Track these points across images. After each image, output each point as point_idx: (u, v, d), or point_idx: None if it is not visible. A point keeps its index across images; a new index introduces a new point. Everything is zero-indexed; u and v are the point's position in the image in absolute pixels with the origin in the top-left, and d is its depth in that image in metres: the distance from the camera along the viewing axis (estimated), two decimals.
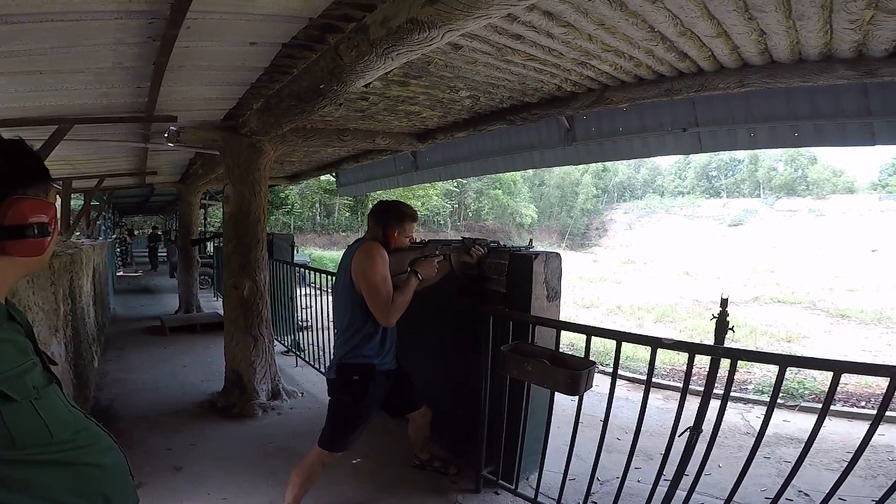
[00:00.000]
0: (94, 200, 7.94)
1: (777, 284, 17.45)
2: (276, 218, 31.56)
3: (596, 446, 2.15)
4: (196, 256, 7.71)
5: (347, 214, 38.22)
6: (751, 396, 4.64)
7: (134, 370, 4.54)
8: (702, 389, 1.91)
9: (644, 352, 5.97)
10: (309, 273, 4.67)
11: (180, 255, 7.74)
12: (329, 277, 3.81)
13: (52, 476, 0.71)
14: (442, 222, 43.25)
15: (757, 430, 1.87)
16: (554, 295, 2.50)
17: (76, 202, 8.13)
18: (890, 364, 1.49)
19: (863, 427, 1.56)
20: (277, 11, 1.79)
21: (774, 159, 48.40)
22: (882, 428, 1.55)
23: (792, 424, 3.76)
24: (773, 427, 1.76)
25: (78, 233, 7.36)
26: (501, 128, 3.74)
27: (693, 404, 1.89)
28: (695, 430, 1.86)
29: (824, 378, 4.87)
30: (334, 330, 2.28)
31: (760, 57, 2.30)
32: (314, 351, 4.44)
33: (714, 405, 1.84)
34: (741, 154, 49.64)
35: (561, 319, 2.50)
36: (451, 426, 2.83)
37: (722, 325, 1.74)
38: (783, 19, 1.89)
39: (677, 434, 1.88)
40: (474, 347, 2.51)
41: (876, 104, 2.52)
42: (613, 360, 2.08)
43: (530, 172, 45.29)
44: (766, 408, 1.72)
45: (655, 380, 3.86)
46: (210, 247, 10.56)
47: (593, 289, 15.62)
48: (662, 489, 1.97)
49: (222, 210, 4.12)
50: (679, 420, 1.89)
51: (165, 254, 15.33)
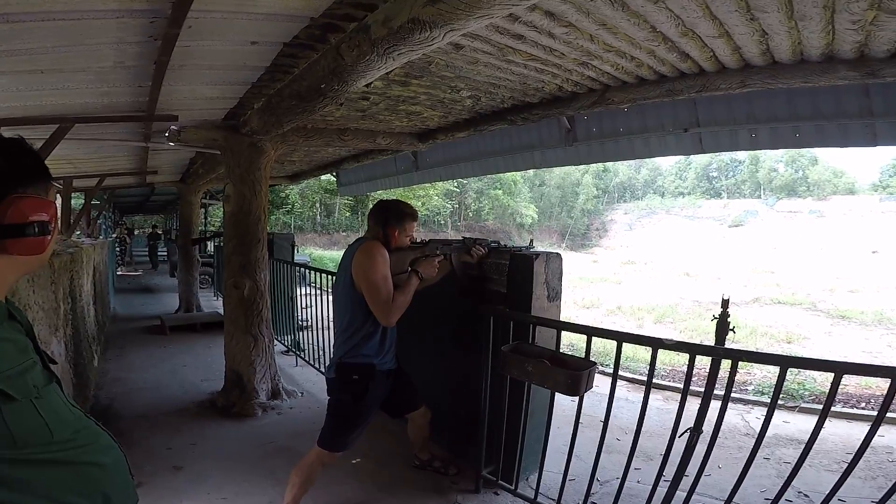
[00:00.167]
0: (95, 199, 7.94)
1: (777, 285, 17.46)
2: (277, 217, 31.56)
3: (596, 447, 2.15)
4: (196, 256, 7.71)
5: (348, 214, 38.21)
6: (751, 397, 4.64)
7: (134, 369, 4.54)
8: (702, 390, 1.91)
9: (644, 352, 5.97)
10: (309, 273, 4.68)
11: (181, 255, 7.74)
12: (329, 277, 3.81)
13: (53, 475, 0.71)
14: (442, 222, 43.25)
15: (757, 431, 1.87)
16: (554, 295, 2.50)
17: (77, 201, 8.12)
18: (890, 365, 1.49)
19: (862, 428, 1.56)
20: (279, 11, 1.79)
21: (775, 160, 48.37)
22: (882, 429, 1.55)
23: (792, 425, 3.76)
24: (773, 428, 1.76)
25: (78, 232, 7.36)
26: (502, 128, 3.74)
27: (693, 405, 1.88)
28: (695, 431, 1.86)
29: (824, 379, 4.86)
30: (334, 329, 2.28)
31: (762, 57, 2.30)
32: (314, 350, 4.44)
33: (714, 406, 1.84)
34: (742, 155, 49.62)
35: (561, 320, 2.50)
36: (451, 426, 2.83)
37: (723, 326, 1.74)
38: (785, 20, 1.88)
39: (677, 435, 1.88)
40: (475, 347, 2.51)
41: (877, 105, 2.52)
42: (614, 361, 2.08)
43: (531, 172, 45.28)
44: (767, 409, 1.71)
45: (655, 380, 3.86)
46: (210, 246, 10.56)
47: (593, 289, 15.63)
48: (662, 490, 1.97)
49: (223, 209, 4.12)
50: (680, 421, 1.89)
51: (166, 253, 15.34)
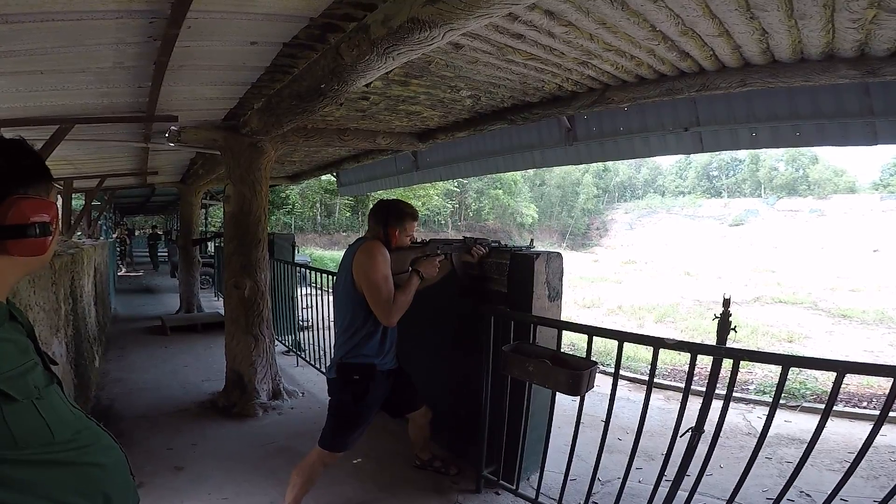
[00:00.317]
0: (96, 200, 7.94)
1: (778, 284, 17.45)
2: (277, 218, 31.59)
3: (597, 447, 2.14)
4: (197, 256, 7.72)
5: (348, 214, 38.24)
6: (752, 397, 4.63)
7: (135, 370, 4.55)
8: (703, 390, 1.90)
9: (645, 352, 5.97)
10: (310, 273, 4.67)
11: (181, 255, 7.75)
12: (330, 277, 3.81)
13: (53, 476, 0.71)
14: (442, 222, 43.28)
15: (758, 431, 1.86)
16: (555, 295, 2.50)
17: (77, 202, 8.13)
18: (892, 364, 1.49)
19: (864, 427, 1.55)
20: (278, 11, 1.79)
21: (775, 159, 48.38)
22: (884, 428, 1.55)
23: (793, 425, 3.76)
24: (775, 427, 1.76)
25: (79, 232, 7.37)
26: (502, 127, 3.73)
27: (694, 405, 1.88)
28: (696, 431, 1.86)
29: (826, 378, 4.86)
30: (335, 329, 2.28)
31: (762, 56, 2.29)
32: (315, 351, 4.44)
33: (716, 405, 1.84)
34: (742, 154, 49.65)
35: (562, 319, 2.50)
36: (452, 426, 2.83)
37: (724, 326, 1.73)
38: (785, 18, 1.88)
39: (679, 434, 1.88)
40: (475, 347, 2.50)
41: (878, 104, 2.52)
42: (615, 361, 2.07)
43: (531, 172, 45.32)
44: (769, 408, 1.71)
45: (657, 380, 3.86)
46: (211, 246, 10.56)
47: (594, 289, 15.62)
48: (664, 490, 1.97)
49: (223, 210, 4.12)
50: (681, 420, 1.88)
51: (166, 253, 15.34)
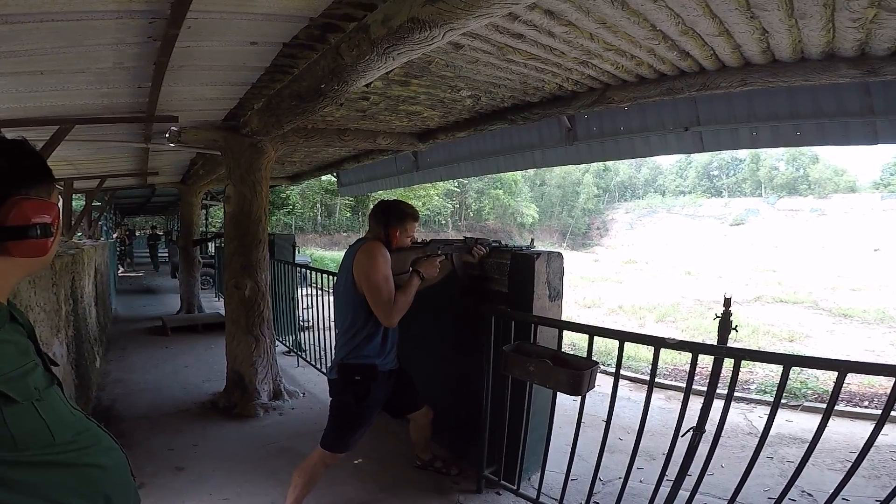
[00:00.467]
0: (96, 201, 7.95)
1: (779, 284, 17.44)
2: (278, 218, 31.58)
3: (598, 446, 2.14)
4: (197, 257, 7.72)
5: (348, 214, 38.25)
6: (753, 396, 4.63)
7: (136, 370, 4.55)
8: (704, 389, 1.90)
9: (645, 352, 5.97)
10: (310, 273, 4.67)
11: (182, 256, 7.75)
12: (330, 277, 3.81)
13: (54, 477, 0.71)
14: (443, 222, 43.29)
15: (759, 430, 1.86)
16: (556, 295, 2.50)
17: (78, 202, 8.14)
18: (894, 364, 1.49)
19: (865, 427, 1.55)
20: (278, 11, 1.79)
21: (776, 158, 48.39)
22: (885, 428, 1.54)
23: (795, 424, 3.75)
24: (776, 427, 1.75)
25: (79, 233, 7.37)
26: (502, 127, 3.73)
27: (695, 404, 1.88)
28: (697, 430, 1.85)
29: (827, 378, 4.85)
30: (336, 330, 2.28)
31: (762, 56, 2.29)
32: (315, 351, 4.44)
33: (717, 405, 1.83)
34: (742, 153, 49.65)
35: (563, 319, 2.49)
36: (453, 426, 2.82)
37: (725, 325, 1.73)
38: (785, 18, 1.88)
39: (680, 434, 1.88)
40: (476, 347, 2.50)
41: (878, 103, 2.51)
42: (616, 361, 2.07)
43: (531, 172, 45.34)
44: (770, 408, 1.71)
45: (657, 380, 3.84)
46: (211, 247, 10.57)
47: (595, 288, 15.61)
48: (665, 489, 1.96)
49: (223, 210, 4.12)
50: (682, 420, 1.88)
51: (167, 254, 15.35)
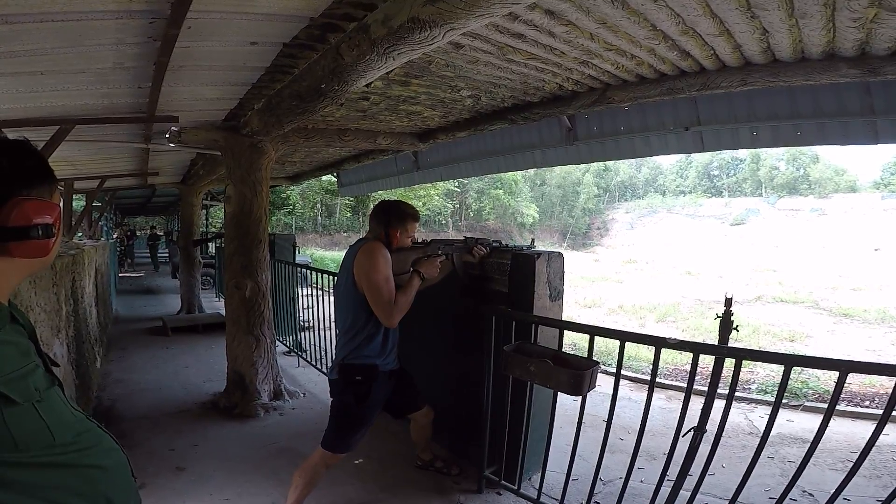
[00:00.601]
0: (96, 201, 7.95)
1: (780, 284, 17.42)
2: (278, 218, 31.58)
3: (599, 446, 2.14)
4: (198, 257, 7.72)
5: (349, 215, 38.25)
6: (754, 396, 4.62)
7: (136, 371, 4.55)
8: (704, 389, 1.90)
9: (646, 352, 5.96)
10: (310, 273, 4.67)
11: (182, 256, 7.75)
12: (330, 278, 3.81)
13: (54, 478, 0.71)
14: (443, 222, 43.30)
15: (760, 430, 1.87)
16: (556, 294, 2.50)
17: (78, 203, 8.14)
18: (895, 363, 1.48)
19: (866, 427, 1.55)
20: (278, 11, 1.79)
21: (776, 158, 48.39)
22: (887, 427, 1.54)
23: (795, 424, 3.75)
24: (777, 427, 1.75)
25: (80, 233, 7.37)
26: (503, 127, 3.73)
27: (696, 404, 1.88)
28: (698, 430, 1.85)
29: (827, 378, 4.85)
30: (336, 330, 2.28)
31: (763, 55, 2.29)
32: (316, 351, 4.45)
33: (718, 405, 1.83)
34: (743, 153, 49.67)
35: (563, 319, 2.49)
36: (454, 426, 2.82)
37: (726, 325, 1.73)
38: (785, 17, 1.88)
39: (681, 434, 1.88)
40: (476, 347, 2.50)
41: (879, 103, 2.51)
42: (617, 360, 2.07)
43: (531, 172, 45.35)
44: (771, 408, 1.71)
45: (658, 380, 3.82)
46: (212, 247, 10.57)
47: (595, 288, 15.59)
48: (666, 489, 1.96)
49: (224, 210, 4.13)
50: (683, 420, 1.88)
51: (167, 254, 15.36)
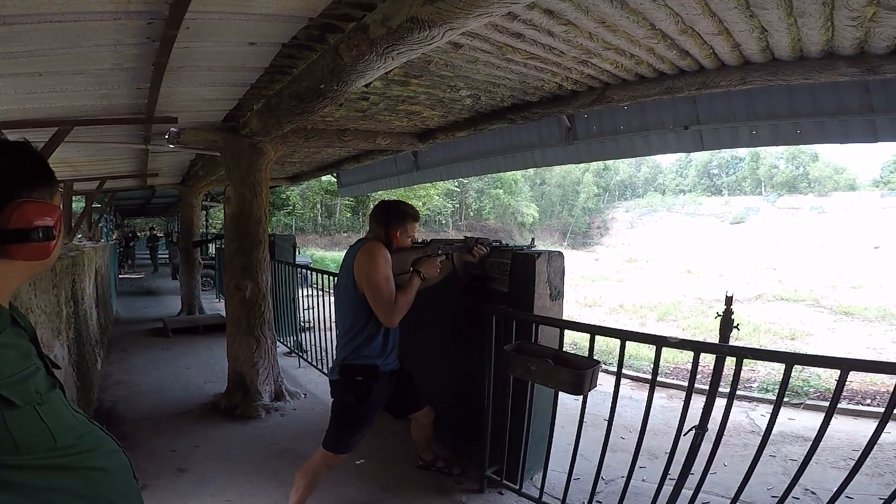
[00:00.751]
0: (96, 202, 7.95)
1: (780, 282, 17.43)
2: (278, 219, 31.59)
3: (600, 446, 2.14)
4: (198, 258, 7.72)
5: (349, 215, 38.27)
6: (755, 394, 4.61)
7: (137, 372, 4.55)
8: (705, 388, 1.90)
9: (647, 350, 5.96)
10: (311, 274, 4.67)
11: (182, 257, 7.75)
12: (330, 278, 3.81)
13: (56, 480, 0.70)
14: (443, 222, 43.32)
15: (761, 429, 1.87)
16: (557, 294, 2.49)
17: (77, 204, 8.14)
18: None
19: (868, 424, 1.55)
20: (277, 11, 1.79)
21: (776, 157, 48.41)
22: (888, 426, 1.54)
23: (797, 422, 3.74)
24: (778, 425, 1.75)
25: (80, 235, 7.37)
26: (502, 127, 3.73)
27: (697, 403, 1.88)
28: (700, 429, 1.85)
29: (829, 376, 4.85)
30: (336, 331, 2.28)
31: (762, 54, 2.29)
32: (317, 352, 4.44)
33: (719, 404, 1.83)
34: (742, 152, 49.72)
35: (564, 318, 2.49)
36: (455, 426, 2.82)
37: (727, 324, 1.73)
38: (784, 16, 1.88)
39: (682, 433, 1.87)
40: (477, 347, 2.50)
41: (878, 101, 2.51)
42: (618, 360, 2.07)
43: (531, 171, 45.34)
44: (773, 406, 1.71)
45: (659, 378, 3.81)
46: (212, 248, 10.57)
47: (595, 288, 15.59)
48: (668, 488, 1.96)
49: (224, 211, 4.12)
50: (684, 419, 1.88)
51: (167, 255, 15.36)
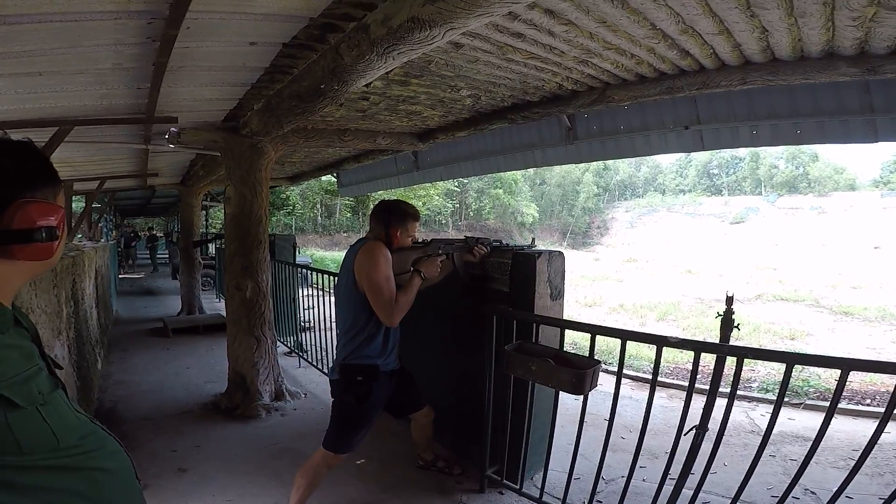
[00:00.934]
0: (96, 202, 7.95)
1: (780, 282, 17.42)
2: (278, 219, 31.58)
3: (600, 446, 2.14)
4: (198, 258, 7.72)
5: (349, 215, 38.26)
6: (755, 394, 4.61)
7: (137, 372, 4.55)
8: (705, 388, 1.90)
9: (647, 350, 5.97)
10: (311, 274, 4.67)
11: (182, 257, 7.75)
12: (330, 278, 3.81)
13: (59, 481, 0.70)
14: (443, 222, 43.34)
15: (761, 429, 1.87)
16: (557, 294, 2.49)
17: (78, 204, 8.14)
18: None
19: (867, 424, 1.55)
20: (278, 11, 1.79)
21: (775, 157, 48.41)
22: (888, 426, 1.54)
23: (797, 422, 3.74)
24: (778, 425, 1.76)
25: (80, 235, 7.37)
26: (502, 127, 3.73)
27: (697, 403, 1.88)
28: (700, 429, 1.85)
29: (829, 376, 4.85)
30: (337, 330, 2.28)
31: (762, 54, 2.29)
32: (317, 351, 4.45)
33: (719, 403, 1.83)
34: (742, 152, 49.71)
35: (564, 318, 2.49)
36: (455, 426, 2.82)
37: (727, 323, 1.73)
38: (785, 16, 1.88)
39: (683, 432, 1.87)
40: (477, 347, 2.50)
41: (878, 101, 2.51)
42: (619, 359, 2.07)
43: (531, 171, 45.36)
44: (773, 406, 1.71)
45: (659, 378, 3.80)
46: (212, 248, 10.57)
47: (595, 287, 15.59)
48: (668, 488, 1.96)
49: (224, 211, 4.13)
50: (685, 419, 1.88)
51: (167, 255, 15.37)
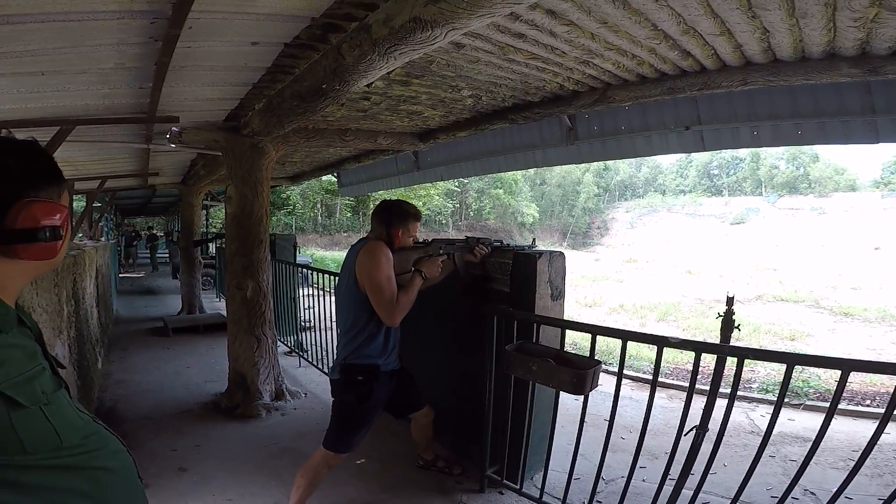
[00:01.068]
0: (97, 202, 7.95)
1: (780, 282, 17.44)
2: (278, 219, 31.57)
3: (601, 446, 2.14)
4: (198, 257, 7.72)
5: (349, 215, 38.27)
6: (755, 395, 4.62)
7: (138, 371, 4.55)
8: (706, 388, 1.90)
9: (647, 351, 5.97)
10: (311, 273, 4.68)
11: (183, 257, 7.75)
12: (331, 278, 3.82)
13: (62, 480, 0.71)
14: (443, 222, 43.35)
15: (761, 429, 1.87)
16: (558, 294, 2.50)
17: (78, 204, 8.14)
18: None
19: (867, 425, 1.55)
20: (280, 11, 1.79)
21: (776, 157, 48.41)
22: (888, 426, 1.54)
23: (797, 423, 3.75)
24: (778, 426, 1.76)
25: (80, 234, 7.38)
26: (503, 127, 3.73)
27: (697, 403, 1.88)
28: (700, 429, 1.85)
29: (829, 376, 4.85)
30: (337, 330, 2.28)
31: (763, 55, 2.29)
32: (317, 351, 4.45)
33: (719, 404, 1.83)
34: (743, 152, 49.74)
35: (565, 318, 2.49)
36: (455, 426, 2.83)
37: (728, 324, 1.73)
38: (786, 17, 1.88)
39: (683, 433, 1.88)
40: (478, 347, 2.50)
41: (879, 102, 2.51)
42: (619, 360, 2.07)
43: (531, 171, 45.38)
44: (774, 407, 1.71)
45: (659, 379, 3.79)
46: (212, 247, 10.57)
47: (595, 288, 15.60)
48: (668, 488, 1.96)
49: (224, 211, 4.13)
50: (685, 419, 1.88)
51: (167, 255, 15.37)
